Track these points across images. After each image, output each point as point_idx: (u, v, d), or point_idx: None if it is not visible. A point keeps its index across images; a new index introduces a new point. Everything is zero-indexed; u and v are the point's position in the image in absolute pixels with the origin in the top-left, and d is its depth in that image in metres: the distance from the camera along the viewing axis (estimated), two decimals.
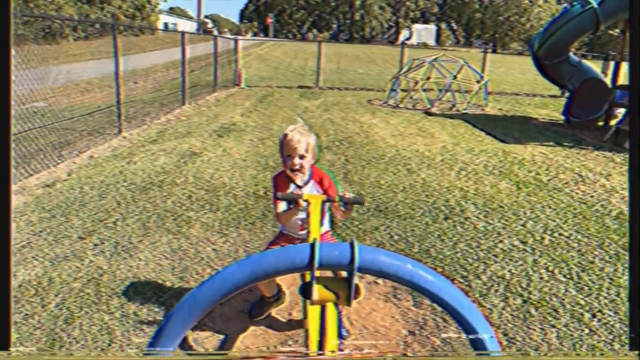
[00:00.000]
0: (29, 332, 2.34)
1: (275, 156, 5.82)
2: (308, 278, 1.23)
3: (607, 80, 9.30)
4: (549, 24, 9.22)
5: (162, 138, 6.86)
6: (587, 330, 2.50)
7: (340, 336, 2.44)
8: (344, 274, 1.24)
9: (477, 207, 4.27)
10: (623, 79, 8.44)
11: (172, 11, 64.23)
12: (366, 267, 1.15)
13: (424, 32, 52.00)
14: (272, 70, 19.18)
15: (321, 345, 1.56)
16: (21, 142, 6.03)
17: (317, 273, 1.35)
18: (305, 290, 1.21)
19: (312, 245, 1.12)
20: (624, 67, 8.23)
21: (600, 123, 8.48)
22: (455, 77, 10.93)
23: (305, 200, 2.07)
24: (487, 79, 11.41)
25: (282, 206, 2.20)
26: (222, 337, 2.39)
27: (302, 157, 2.22)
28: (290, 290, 2.76)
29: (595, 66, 10.01)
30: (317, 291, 1.20)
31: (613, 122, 7.94)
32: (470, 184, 4.96)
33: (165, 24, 54.81)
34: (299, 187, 2.28)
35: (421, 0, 62.36)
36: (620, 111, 8.31)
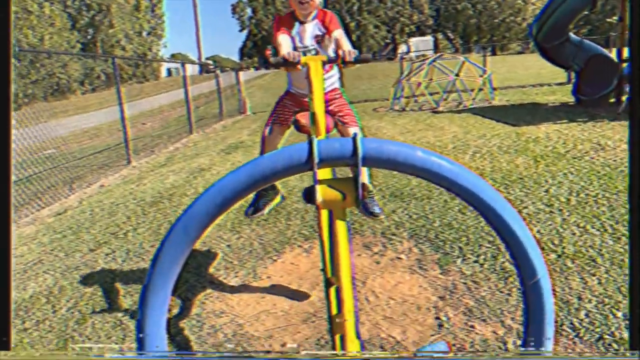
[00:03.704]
0: (40, 336, 2.23)
1: None
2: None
3: (612, 55, 9.10)
4: (545, 6, 9.06)
5: (170, 162, 6.85)
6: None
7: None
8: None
9: (495, 181, 4.11)
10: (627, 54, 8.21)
11: (173, 57, 65.66)
12: (372, 158, 1.04)
13: (421, 44, 52.17)
14: (276, 97, 19.33)
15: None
16: (32, 182, 6.05)
17: (327, 175, 1.24)
18: (308, 194, 1.09)
19: (310, 142, 1.02)
20: (625, 52, 8.02)
21: (612, 100, 8.26)
22: (457, 75, 10.84)
23: (304, 65, 1.91)
24: (490, 72, 11.28)
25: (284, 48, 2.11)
26: (240, 321, 2.26)
27: None
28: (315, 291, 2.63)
29: None
30: (321, 191, 1.08)
31: (624, 98, 7.72)
32: (485, 164, 4.80)
33: (169, 70, 56.07)
34: (302, 23, 2.24)
35: (415, 15, 62.85)
36: None
